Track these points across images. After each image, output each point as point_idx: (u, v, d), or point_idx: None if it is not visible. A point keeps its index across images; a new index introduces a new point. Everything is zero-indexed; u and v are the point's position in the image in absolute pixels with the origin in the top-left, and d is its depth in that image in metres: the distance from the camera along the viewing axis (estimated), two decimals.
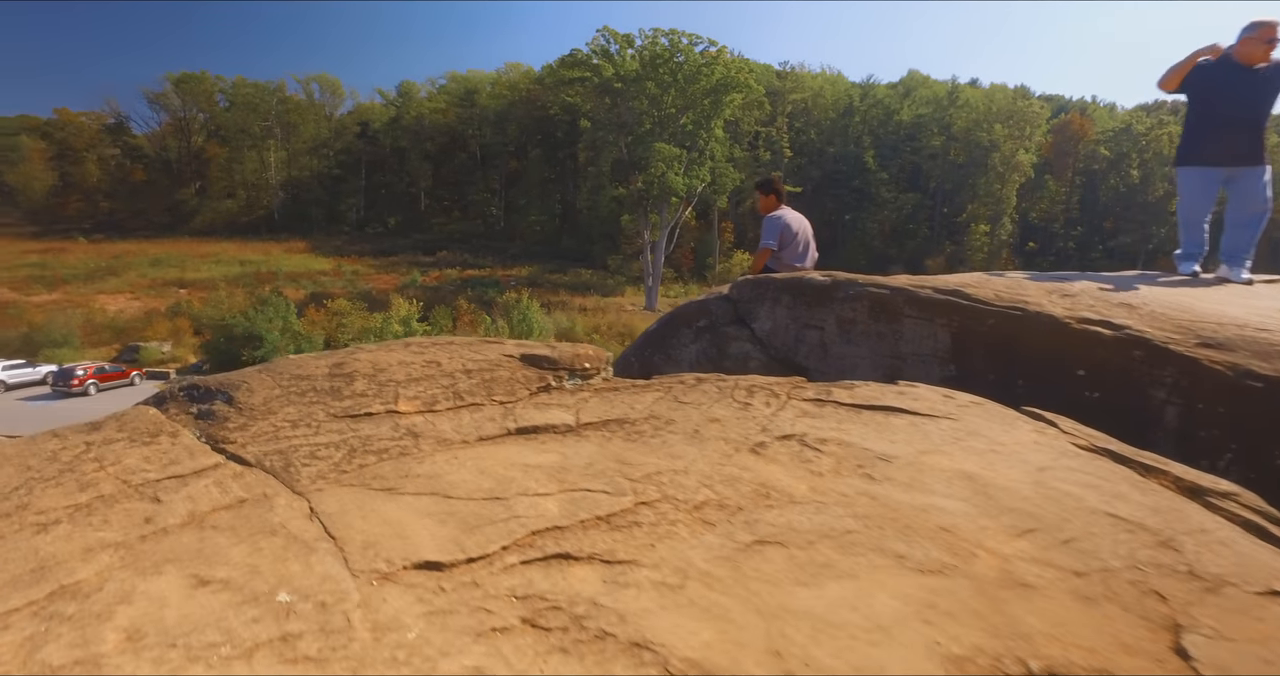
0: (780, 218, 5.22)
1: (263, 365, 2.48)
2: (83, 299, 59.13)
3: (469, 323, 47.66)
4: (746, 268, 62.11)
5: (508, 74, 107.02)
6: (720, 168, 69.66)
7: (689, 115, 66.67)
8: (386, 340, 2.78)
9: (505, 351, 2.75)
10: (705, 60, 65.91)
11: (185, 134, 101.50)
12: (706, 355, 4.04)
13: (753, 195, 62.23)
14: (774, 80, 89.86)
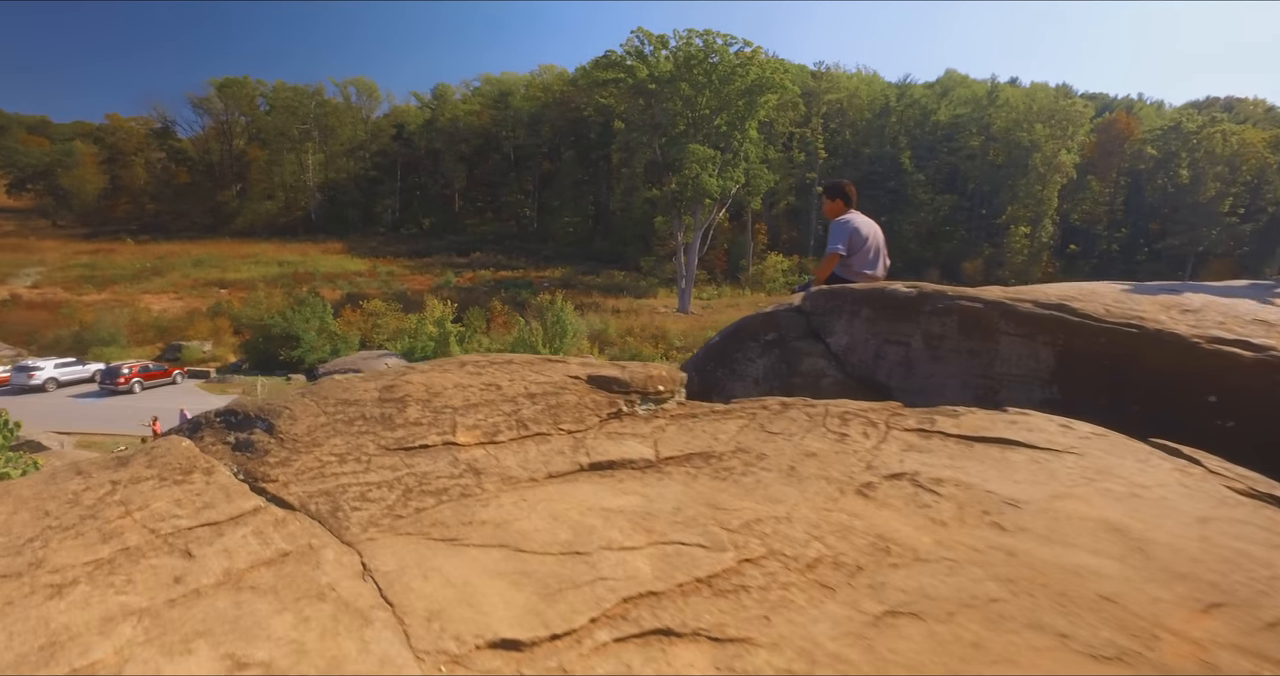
0: (849, 222, 4.87)
1: (306, 388, 2.24)
2: (129, 298, 60.53)
3: (503, 324, 47.77)
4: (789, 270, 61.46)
5: (541, 76, 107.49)
6: (754, 169, 69.07)
7: (723, 116, 66.21)
8: (439, 358, 2.51)
9: (570, 372, 2.48)
10: (740, 61, 65.41)
11: (227, 137, 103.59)
12: (775, 371, 3.74)
13: (786, 197, 61.61)
14: (809, 80, 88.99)
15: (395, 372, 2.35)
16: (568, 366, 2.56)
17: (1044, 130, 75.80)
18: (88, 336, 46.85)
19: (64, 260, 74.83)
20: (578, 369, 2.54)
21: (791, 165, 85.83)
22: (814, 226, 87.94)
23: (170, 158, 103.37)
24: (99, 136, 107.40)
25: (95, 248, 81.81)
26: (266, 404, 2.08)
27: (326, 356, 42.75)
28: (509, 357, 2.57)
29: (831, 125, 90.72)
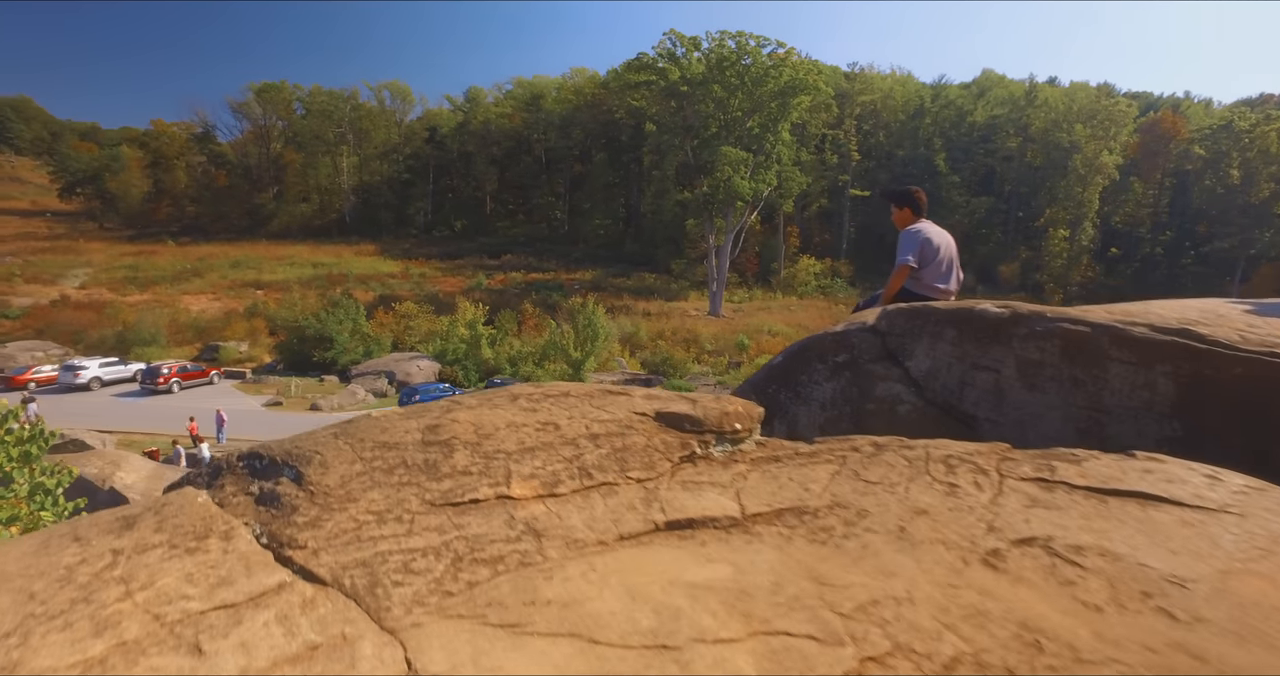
0: (920, 231, 4.50)
1: (340, 427, 1.98)
2: (169, 299, 61.69)
3: (534, 327, 47.74)
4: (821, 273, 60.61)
5: (573, 79, 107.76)
6: (787, 171, 68.46)
7: (756, 118, 65.72)
8: (487, 391, 2.22)
9: (636, 408, 2.19)
10: (773, 62, 64.91)
11: (265, 141, 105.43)
12: (845, 396, 3.42)
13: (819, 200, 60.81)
14: (842, 82, 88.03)
15: (440, 408, 2.07)
16: (632, 400, 2.26)
17: (1085, 130, 74.00)
18: (130, 336, 47.77)
19: (109, 262, 76.58)
20: (643, 403, 2.24)
21: (824, 167, 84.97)
22: (846, 229, 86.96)
23: (210, 161, 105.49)
24: (144, 141, 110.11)
25: (138, 249, 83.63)
26: (295, 447, 1.82)
27: (359, 358, 43.03)
28: (566, 389, 2.28)
29: (865, 127, 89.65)
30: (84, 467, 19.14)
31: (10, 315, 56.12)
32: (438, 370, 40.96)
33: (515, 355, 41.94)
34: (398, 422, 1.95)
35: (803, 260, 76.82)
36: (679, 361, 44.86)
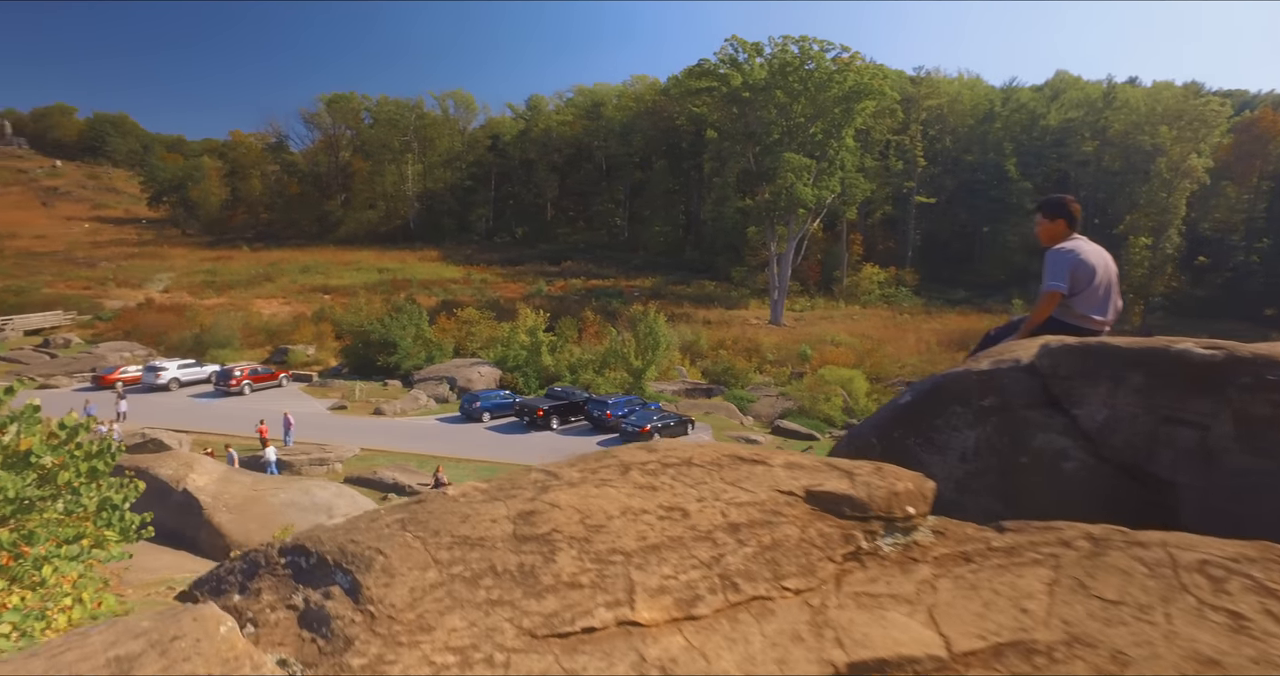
0: (1073, 252, 3.82)
1: (409, 510, 1.54)
2: (243, 303, 63.87)
3: (594, 334, 47.59)
4: (885, 282, 59.16)
5: (633, 86, 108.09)
6: (850, 178, 67.05)
7: (819, 124, 64.58)
8: (591, 460, 1.74)
9: (779, 484, 1.71)
10: (836, 67, 63.71)
11: (334, 150, 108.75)
12: (992, 446, 2.87)
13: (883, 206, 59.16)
14: (908, 86, 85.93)
15: (535, 486, 1.63)
16: (771, 472, 1.78)
17: (1170, 132, 70.28)
18: (206, 339, 49.47)
19: (190, 266, 79.84)
20: (786, 477, 1.76)
21: (888, 174, 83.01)
22: (911, 237, 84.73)
23: (283, 170, 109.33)
24: (223, 152, 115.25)
25: (216, 255, 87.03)
26: (351, 542, 1.39)
27: (422, 363, 43.52)
28: (687, 455, 1.81)
29: (931, 132, 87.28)
30: (160, 469, 19.62)
31: (103, 317, 59.03)
32: (498, 376, 41.12)
33: (575, 362, 41.80)
34: (481, 507, 1.51)
35: (866, 268, 75.06)
36: (740, 371, 44.08)
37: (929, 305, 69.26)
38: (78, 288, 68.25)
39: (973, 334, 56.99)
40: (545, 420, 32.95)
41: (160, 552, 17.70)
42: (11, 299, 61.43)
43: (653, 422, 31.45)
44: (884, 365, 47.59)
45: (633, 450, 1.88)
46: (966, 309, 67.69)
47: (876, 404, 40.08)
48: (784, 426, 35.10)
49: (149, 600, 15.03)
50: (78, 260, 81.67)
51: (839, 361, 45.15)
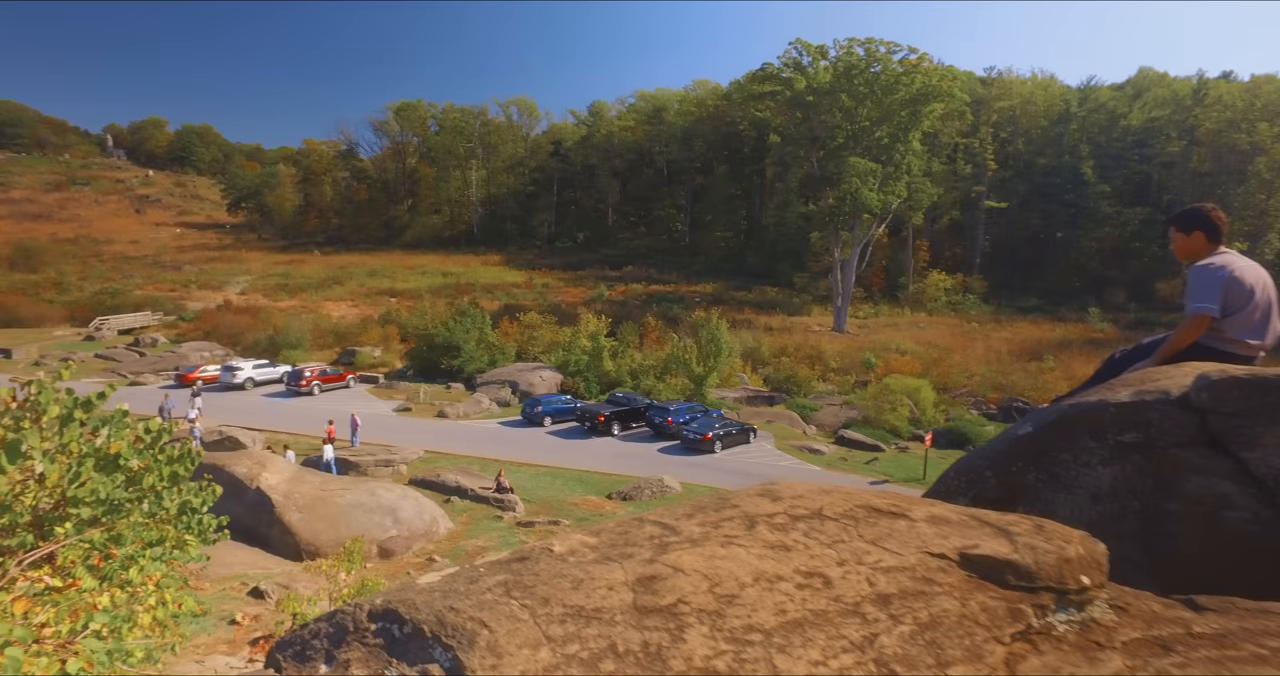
0: (1224, 268, 3.37)
1: (513, 570, 1.37)
2: (313, 305, 66.04)
3: (655, 340, 47.49)
4: (952, 289, 57.36)
5: (695, 91, 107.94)
6: (917, 182, 65.44)
7: (885, 128, 63.22)
8: (708, 506, 1.54)
9: (928, 545, 1.50)
10: (904, 69, 62.29)
11: (401, 156, 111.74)
12: (1132, 489, 2.58)
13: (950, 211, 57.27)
14: (978, 88, 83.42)
15: (652, 543, 1.44)
16: (916, 528, 1.56)
17: (1271, 130, 66.24)
18: (279, 340, 51.25)
19: (265, 270, 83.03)
20: (934, 535, 1.53)
21: (956, 178, 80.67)
22: (980, 242, 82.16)
23: (353, 176, 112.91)
24: (297, 159, 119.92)
25: (289, 258, 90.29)
26: (451, 610, 1.23)
27: (484, 366, 44.10)
28: (818, 507, 1.61)
29: (1002, 134, 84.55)
30: (235, 467, 20.27)
31: (186, 318, 61.96)
32: (560, 381, 41.35)
33: (637, 368, 41.74)
34: (595, 570, 1.34)
35: (932, 275, 73.01)
36: (803, 379, 43.36)
37: (998, 313, 66.93)
38: (164, 290, 71.76)
39: (1046, 344, 54.89)
40: (606, 425, 32.94)
41: (235, 549, 18.26)
42: (108, 300, 65.07)
43: (714, 430, 31.13)
44: (952, 375, 46.14)
45: (755, 499, 1.68)
46: (1039, 317, 65.14)
47: (944, 415, 38.83)
48: (848, 436, 34.31)
49: (224, 594, 15.50)
50: (165, 264, 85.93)
51: (904, 370, 43.96)
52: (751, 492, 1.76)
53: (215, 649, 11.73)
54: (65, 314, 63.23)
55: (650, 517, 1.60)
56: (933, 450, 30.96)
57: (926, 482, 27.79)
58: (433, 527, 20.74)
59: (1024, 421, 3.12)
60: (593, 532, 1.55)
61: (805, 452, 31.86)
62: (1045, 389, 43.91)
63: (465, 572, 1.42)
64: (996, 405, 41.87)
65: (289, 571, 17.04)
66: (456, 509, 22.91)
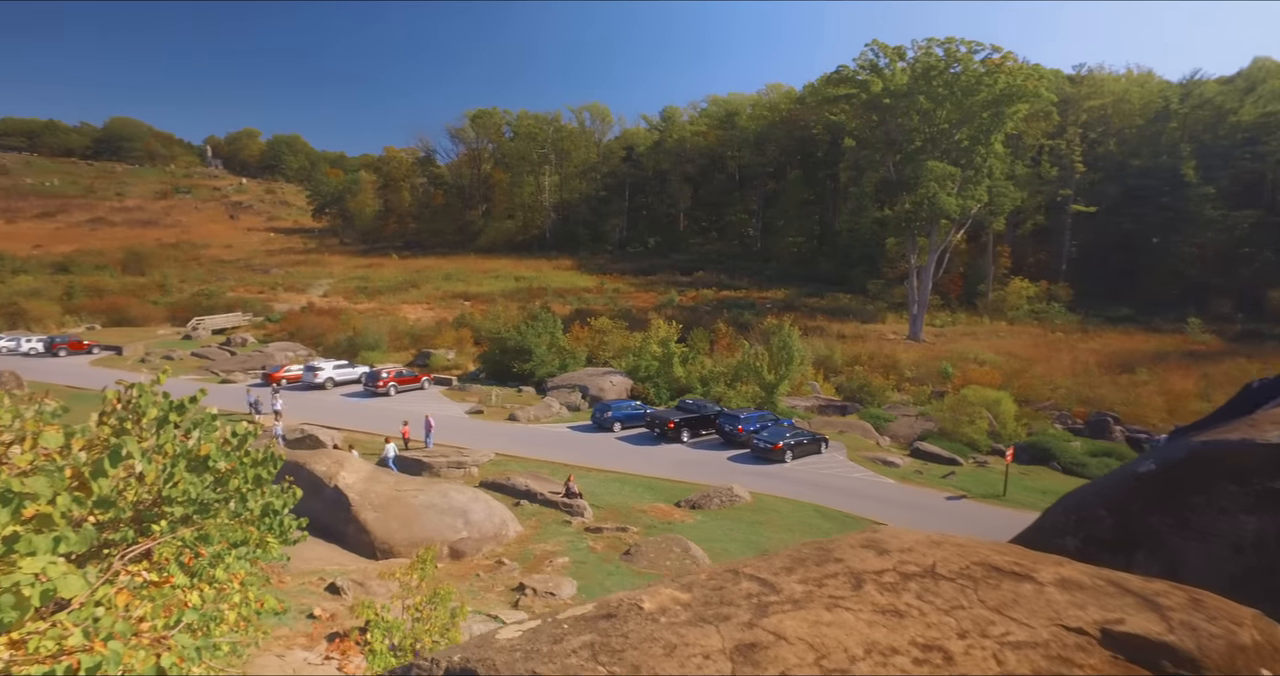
0: None
1: (599, 634, 1.27)
2: (391, 308, 68.15)
3: (726, 346, 47.11)
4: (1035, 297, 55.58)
5: (768, 95, 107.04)
6: (999, 186, 63.04)
7: (965, 130, 61.18)
8: (806, 556, 1.40)
9: (1060, 616, 1.33)
10: (986, 69, 60.16)
11: (476, 163, 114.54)
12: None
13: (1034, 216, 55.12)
14: (1066, 86, 79.82)
15: (752, 603, 1.33)
16: (1044, 595, 1.39)
17: None
18: (358, 341, 53.04)
19: (345, 273, 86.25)
20: (1066, 604, 1.37)
21: (1041, 181, 77.36)
22: (1066, 248, 78.56)
23: (430, 182, 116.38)
24: (377, 166, 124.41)
25: (369, 262, 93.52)
26: (534, 675, 1.15)
27: (555, 371, 44.53)
28: (930, 564, 1.46)
29: (1091, 135, 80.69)
30: (315, 465, 20.97)
31: (272, 319, 64.89)
32: (630, 386, 41.41)
33: (707, 374, 41.43)
34: (689, 633, 1.23)
35: (1014, 282, 70.17)
36: (877, 388, 42.23)
37: (1085, 323, 63.75)
38: (254, 291, 75.39)
39: (1139, 355, 51.96)
40: (676, 432, 32.79)
41: (314, 545, 18.88)
42: (204, 301, 68.93)
43: (785, 440, 30.62)
44: (1034, 386, 44.16)
45: (860, 551, 1.54)
46: (1130, 327, 61.77)
47: (1025, 429, 37.17)
48: (923, 448, 33.23)
49: (303, 588, 16.02)
50: (254, 267, 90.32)
51: (984, 381, 42.32)
52: (855, 542, 1.62)
53: (295, 642, 12.11)
54: (167, 314, 67.21)
55: (746, 571, 1.47)
56: (1014, 465, 29.69)
57: (1007, 500, 26.61)
58: (502, 530, 21.00)
59: (1145, 458, 2.86)
60: (684, 586, 1.44)
61: (879, 464, 31.01)
62: (1138, 403, 41.56)
63: (548, 629, 1.33)
64: (1083, 419, 39.86)
65: (364, 568, 17.49)
66: (526, 512, 23.15)
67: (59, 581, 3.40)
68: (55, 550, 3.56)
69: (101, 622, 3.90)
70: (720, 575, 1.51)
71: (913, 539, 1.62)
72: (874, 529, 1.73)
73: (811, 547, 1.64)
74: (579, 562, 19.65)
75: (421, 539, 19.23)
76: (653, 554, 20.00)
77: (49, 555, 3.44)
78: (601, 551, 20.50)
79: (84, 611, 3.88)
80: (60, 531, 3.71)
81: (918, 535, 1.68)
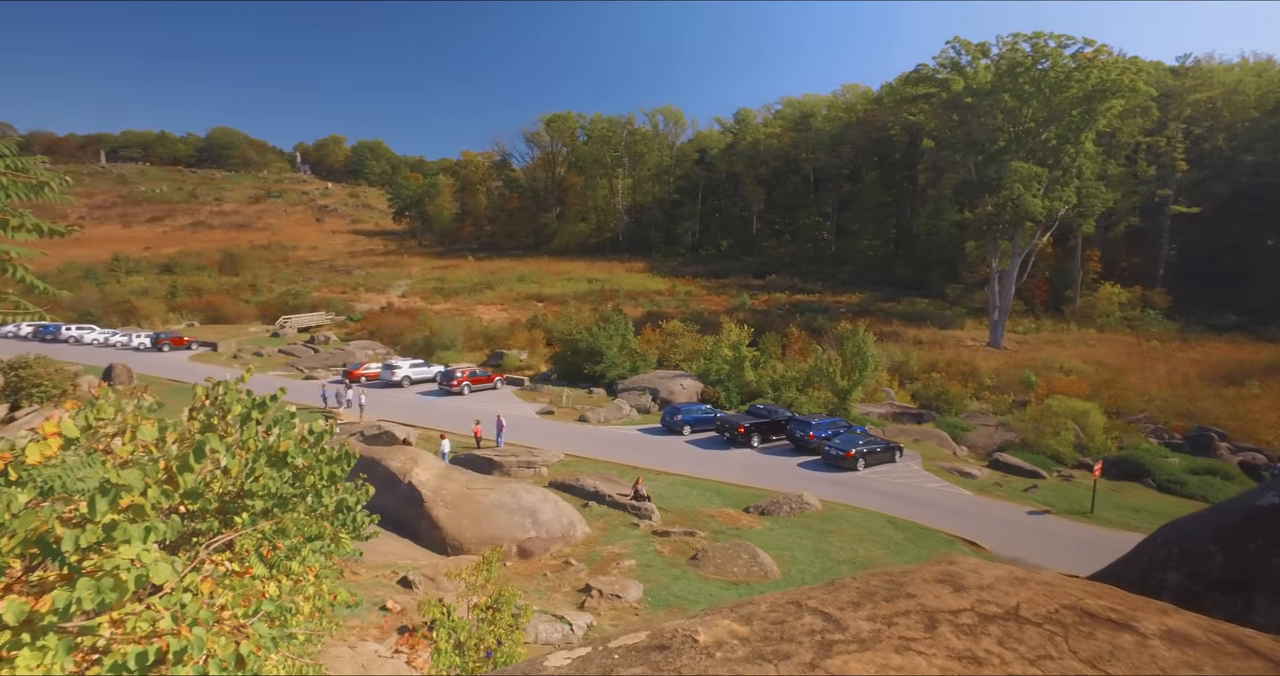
0: None
1: (651, 667, 1.21)
2: (466, 308, 69.81)
3: (798, 351, 46.38)
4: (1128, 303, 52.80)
5: (844, 95, 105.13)
6: (1089, 186, 60.10)
7: (1053, 128, 58.56)
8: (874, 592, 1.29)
9: (1164, 671, 1.21)
10: (1077, 64, 57.43)
11: (551, 166, 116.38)
12: None
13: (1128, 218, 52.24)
14: (1168, 79, 75.52)
15: (812, 639, 1.24)
16: (1149, 650, 1.25)
17: None
18: (434, 341, 54.46)
19: (423, 274, 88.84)
20: (1175, 660, 1.22)
21: (1136, 181, 73.33)
22: (1165, 252, 74.24)
23: (505, 186, 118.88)
24: (455, 170, 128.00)
25: (445, 264, 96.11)
26: None
27: (626, 373, 44.70)
28: (1013, 606, 1.34)
29: (1196, 130, 76.04)
30: (391, 461, 21.60)
31: (353, 318, 67.39)
32: (700, 390, 41.20)
33: (778, 379, 40.85)
34: (746, 671, 1.15)
35: (1104, 287, 66.69)
36: (955, 396, 40.77)
37: (1185, 331, 60.00)
38: (337, 292, 78.49)
39: (1248, 367, 48.55)
40: (746, 437, 32.41)
41: (389, 539, 19.43)
42: (291, 300, 72.23)
43: (858, 447, 29.89)
44: (1127, 398, 41.81)
45: (934, 587, 1.43)
46: (1238, 336, 57.75)
47: (1116, 442, 35.20)
48: (1003, 460, 31.88)
49: (377, 581, 16.50)
50: (338, 268, 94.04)
51: (1070, 391, 40.32)
52: (929, 575, 1.50)
53: (367, 633, 12.47)
54: (257, 312, 70.67)
55: (810, 603, 1.38)
56: (1103, 481, 28.16)
57: (1096, 517, 25.26)
58: (570, 531, 21.15)
59: (1267, 488, 2.61)
60: (743, 618, 1.36)
61: (955, 475, 29.91)
62: (1248, 418, 38.77)
63: (598, 659, 1.27)
64: (1182, 434, 37.51)
65: (435, 564, 17.87)
66: (594, 514, 23.27)
67: (151, 567, 3.56)
68: (145, 539, 3.72)
69: (188, 609, 4.08)
70: (782, 606, 1.43)
71: (993, 574, 1.50)
72: (950, 560, 1.60)
73: (882, 580, 1.53)
74: (645, 565, 19.63)
75: (491, 537, 19.56)
76: (720, 559, 19.81)
77: (141, 543, 3.61)
78: (668, 555, 20.42)
79: (174, 597, 4.06)
80: (150, 521, 3.88)
81: (999, 570, 1.55)
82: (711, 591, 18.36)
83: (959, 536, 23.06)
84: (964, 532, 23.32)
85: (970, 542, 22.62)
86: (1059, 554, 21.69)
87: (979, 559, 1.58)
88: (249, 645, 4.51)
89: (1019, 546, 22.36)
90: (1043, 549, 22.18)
